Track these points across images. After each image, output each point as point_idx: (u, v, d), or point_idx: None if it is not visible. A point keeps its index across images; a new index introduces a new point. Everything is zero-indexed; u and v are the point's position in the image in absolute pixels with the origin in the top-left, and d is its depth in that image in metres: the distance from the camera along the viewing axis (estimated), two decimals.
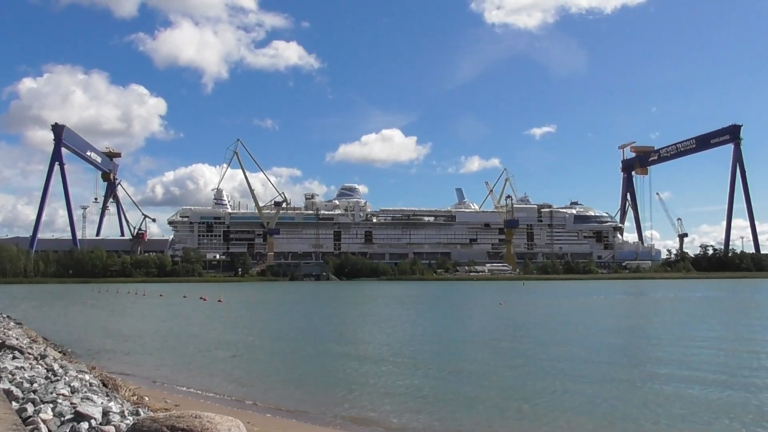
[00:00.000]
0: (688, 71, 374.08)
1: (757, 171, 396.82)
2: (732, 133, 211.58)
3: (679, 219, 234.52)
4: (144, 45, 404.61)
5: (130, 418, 8.29)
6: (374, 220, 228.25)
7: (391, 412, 13.72)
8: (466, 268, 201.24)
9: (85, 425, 7.67)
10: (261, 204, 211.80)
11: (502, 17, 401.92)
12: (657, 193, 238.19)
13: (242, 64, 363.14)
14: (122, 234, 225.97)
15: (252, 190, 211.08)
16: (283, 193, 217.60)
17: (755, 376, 17.30)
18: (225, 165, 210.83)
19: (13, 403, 8.41)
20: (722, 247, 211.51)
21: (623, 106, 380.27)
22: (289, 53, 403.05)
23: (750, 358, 20.93)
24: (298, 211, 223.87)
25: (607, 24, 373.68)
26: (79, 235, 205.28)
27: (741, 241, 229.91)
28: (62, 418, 7.84)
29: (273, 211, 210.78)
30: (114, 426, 7.82)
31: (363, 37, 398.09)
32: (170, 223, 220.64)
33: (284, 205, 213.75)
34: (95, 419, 7.88)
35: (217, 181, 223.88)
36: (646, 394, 15.04)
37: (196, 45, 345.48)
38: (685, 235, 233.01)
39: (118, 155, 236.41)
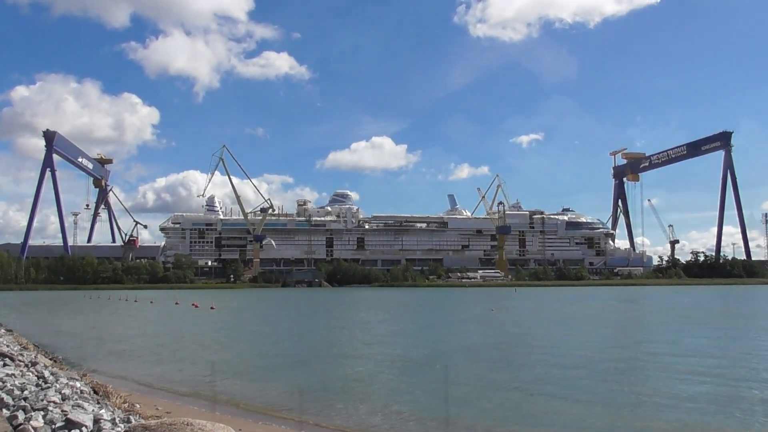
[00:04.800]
0: (674, 80, 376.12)
1: (747, 178, 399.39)
2: (723, 140, 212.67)
3: (670, 225, 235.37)
4: (135, 54, 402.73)
5: (122, 426, 8.30)
6: (366, 227, 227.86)
7: (379, 421, 13.75)
8: (458, 274, 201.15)
9: None
10: (251, 210, 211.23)
11: (486, 30, 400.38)
12: (648, 200, 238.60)
13: (233, 73, 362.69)
14: (113, 240, 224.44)
15: (238, 196, 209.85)
16: (269, 199, 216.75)
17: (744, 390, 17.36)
18: (212, 171, 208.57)
19: (4, 411, 8.40)
20: (713, 254, 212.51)
21: (610, 114, 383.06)
22: (280, 63, 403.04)
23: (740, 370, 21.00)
24: (290, 218, 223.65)
25: (591, 37, 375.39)
26: (70, 242, 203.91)
27: (732, 248, 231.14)
28: (53, 426, 7.84)
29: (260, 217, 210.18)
30: None
31: (353, 47, 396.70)
32: (162, 229, 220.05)
33: (270, 211, 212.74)
34: (86, 427, 7.88)
35: (203, 188, 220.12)
36: (626, 409, 15.04)
37: (188, 54, 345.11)
38: (677, 241, 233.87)
39: (110, 162, 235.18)
